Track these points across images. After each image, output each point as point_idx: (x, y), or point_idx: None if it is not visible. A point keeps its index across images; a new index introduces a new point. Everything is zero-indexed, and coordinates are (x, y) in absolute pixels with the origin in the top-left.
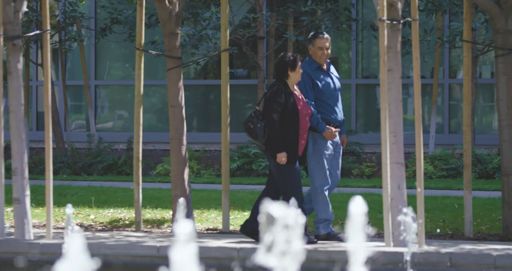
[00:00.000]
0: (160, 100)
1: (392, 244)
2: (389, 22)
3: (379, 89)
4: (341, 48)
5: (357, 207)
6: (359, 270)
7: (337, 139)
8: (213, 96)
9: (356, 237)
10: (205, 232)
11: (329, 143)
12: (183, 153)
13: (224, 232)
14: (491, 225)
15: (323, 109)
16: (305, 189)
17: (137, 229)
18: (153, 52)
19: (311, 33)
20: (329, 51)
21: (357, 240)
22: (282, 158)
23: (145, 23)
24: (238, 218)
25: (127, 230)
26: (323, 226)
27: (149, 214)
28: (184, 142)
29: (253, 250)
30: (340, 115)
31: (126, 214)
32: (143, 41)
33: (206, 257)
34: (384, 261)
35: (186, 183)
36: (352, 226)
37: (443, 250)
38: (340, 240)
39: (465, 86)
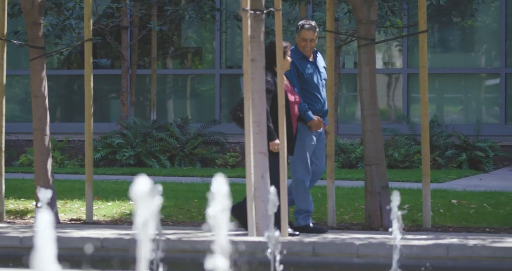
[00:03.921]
0: (23, 90)
1: (255, 233)
2: (252, 12)
3: (243, 79)
4: (205, 38)
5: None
6: (220, 259)
7: (321, 129)
8: (77, 86)
9: (218, 227)
10: (69, 222)
11: (312, 133)
12: (46, 143)
13: (88, 222)
14: (354, 214)
15: (308, 99)
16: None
17: (0, 220)
18: (16, 42)
19: (299, 23)
20: (315, 43)
21: (220, 229)
22: (274, 146)
23: (8, 13)
24: (102, 208)
25: None
26: (302, 218)
27: (12, 204)
28: (47, 132)
29: (117, 240)
30: (324, 105)
31: None
32: (5, 31)
33: (69, 247)
34: (246, 251)
35: (49, 173)
36: (214, 215)
37: (306, 240)
38: (321, 231)
39: (328, 76)
